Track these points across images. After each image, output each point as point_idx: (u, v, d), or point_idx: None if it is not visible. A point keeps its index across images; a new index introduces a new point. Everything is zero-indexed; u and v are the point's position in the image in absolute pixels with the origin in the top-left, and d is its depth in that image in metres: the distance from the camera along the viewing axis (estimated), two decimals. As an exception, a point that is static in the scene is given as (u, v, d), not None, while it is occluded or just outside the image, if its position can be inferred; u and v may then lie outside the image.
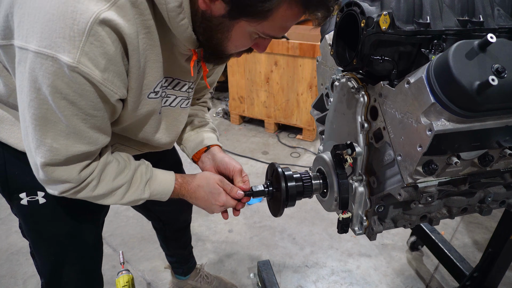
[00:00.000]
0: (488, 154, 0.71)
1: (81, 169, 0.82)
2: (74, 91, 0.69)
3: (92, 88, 0.70)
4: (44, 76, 0.67)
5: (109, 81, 0.71)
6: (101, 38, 0.65)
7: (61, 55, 0.64)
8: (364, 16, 0.73)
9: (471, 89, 0.57)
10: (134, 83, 0.78)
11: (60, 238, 1.02)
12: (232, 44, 0.79)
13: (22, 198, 0.94)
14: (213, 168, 1.09)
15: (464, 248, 2.02)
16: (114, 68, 0.70)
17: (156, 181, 0.96)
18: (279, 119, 3.28)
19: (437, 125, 0.62)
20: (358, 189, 0.87)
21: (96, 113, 0.75)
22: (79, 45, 0.64)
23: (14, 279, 1.86)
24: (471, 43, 0.59)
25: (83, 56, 0.65)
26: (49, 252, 1.03)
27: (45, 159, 0.76)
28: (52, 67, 0.65)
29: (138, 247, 2.06)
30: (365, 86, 0.83)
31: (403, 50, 0.71)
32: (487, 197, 0.93)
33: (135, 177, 0.92)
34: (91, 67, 0.67)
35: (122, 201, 0.91)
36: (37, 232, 1.01)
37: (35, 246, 1.04)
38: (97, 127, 0.78)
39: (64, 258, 1.04)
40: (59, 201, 0.96)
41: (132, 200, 0.93)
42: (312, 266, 1.93)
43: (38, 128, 0.73)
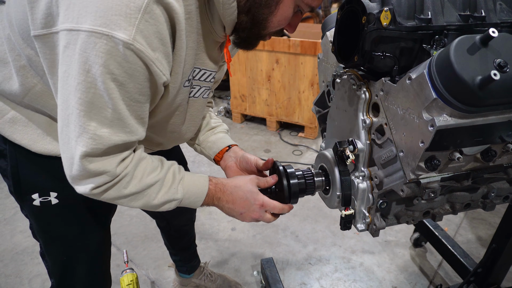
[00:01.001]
0: (491, 149, 0.71)
1: (119, 161, 0.79)
2: (125, 71, 0.68)
3: (144, 67, 0.69)
4: (97, 56, 0.65)
5: (160, 62, 0.70)
6: (156, 16, 0.66)
7: (116, 32, 0.64)
8: (365, 12, 0.73)
9: (473, 84, 0.56)
10: (177, 68, 0.77)
11: (71, 239, 1.02)
12: (276, 19, 0.80)
13: (34, 198, 0.94)
14: (235, 164, 1.10)
15: (467, 244, 2.02)
16: (164, 48, 0.70)
17: (190, 181, 0.91)
18: (280, 117, 3.28)
19: (439, 120, 0.62)
20: (361, 185, 0.87)
21: (141, 98, 0.74)
22: (135, 22, 0.64)
23: (19, 278, 1.87)
24: (472, 38, 0.59)
25: (138, 34, 0.65)
26: (60, 252, 1.03)
27: (86, 148, 0.73)
28: (106, 45, 0.65)
29: (141, 246, 2.07)
30: (367, 83, 0.82)
31: (404, 46, 0.71)
32: (491, 192, 0.93)
33: (168, 176, 0.88)
34: (145, 46, 0.67)
35: (155, 201, 0.86)
36: (49, 232, 1.01)
37: (46, 247, 1.04)
38: (138, 116, 0.77)
39: (75, 259, 1.05)
40: (71, 202, 0.96)
41: (165, 201, 0.88)
42: (315, 263, 1.94)
43: (82, 114, 0.71)
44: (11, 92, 0.85)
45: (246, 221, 0.96)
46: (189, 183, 0.91)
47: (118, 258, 1.95)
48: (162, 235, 1.59)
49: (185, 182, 0.90)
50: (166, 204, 0.89)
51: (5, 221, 2.26)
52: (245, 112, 3.47)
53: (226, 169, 1.13)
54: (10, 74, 0.83)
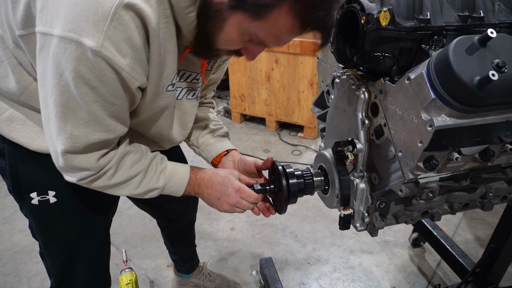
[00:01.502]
0: (489, 149, 0.71)
1: (100, 157, 0.81)
2: (96, 77, 0.68)
3: (114, 74, 0.69)
4: (67, 61, 0.66)
5: (131, 67, 0.70)
6: (125, 22, 0.65)
7: (84, 39, 0.64)
8: (364, 12, 0.73)
9: (471, 85, 0.57)
10: (153, 72, 0.77)
11: (70, 238, 1.02)
12: (222, 37, 0.77)
13: (33, 197, 0.94)
14: (233, 168, 1.11)
15: (466, 244, 2.02)
16: (136, 54, 0.70)
17: (171, 171, 0.95)
18: (280, 117, 3.28)
19: (437, 120, 0.62)
20: (360, 185, 0.87)
21: (116, 101, 0.74)
22: (103, 29, 0.64)
23: (18, 277, 1.87)
24: (471, 39, 0.59)
25: (106, 41, 0.65)
26: (60, 251, 1.03)
27: (65, 147, 0.76)
28: (76, 51, 0.65)
29: (140, 245, 2.07)
30: (366, 83, 0.83)
31: (403, 46, 0.71)
32: (489, 192, 0.93)
33: (151, 166, 0.91)
34: (114, 52, 0.66)
35: (137, 190, 0.90)
36: (48, 232, 1.01)
37: (46, 246, 1.04)
38: (116, 116, 0.78)
39: (75, 258, 1.04)
40: (69, 200, 0.96)
41: (147, 190, 0.91)
42: (314, 263, 1.94)
43: (59, 115, 0.73)
44: (7, 90, 0.85)
45: (224, 208, 0.97)
46: (170, 173, 0.94)
47: (117, 257, 1.95)
48: (162, 234, 1.59)
49: (167, 172, 0.94)
50: (149, 193, 0.93)
51: (4, 220, 2.26)
52: (244, 112, 3.48)
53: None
54: (6, 72, 0.84)
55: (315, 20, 0.70)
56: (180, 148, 1.36)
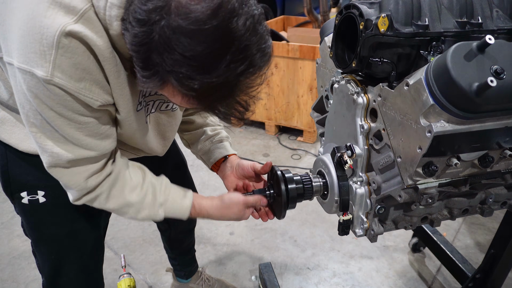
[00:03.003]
0: (488, 155, 0.71)
1: (88, 176, 0.82)
2: (57, 103, 0.71)
3: (71, 97, 0.71)
4: (28, 90, 0.69)
5: (87, 90, 0.71)
6: (71, 49, 0.66)
7: (35, 69, 0.66)
8: (362, 18, 0.74)
9: (470, 91, 0.57)
10: (117, 94, 0.77)
11: (60, 238, 1.03)
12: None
13: (23, 197, 0.96)
14: (232, 174, 1.12)
15: (466, 250, 2.01)
16: (90, 76, 0.71)
17: (171, 206, 0.96)
18: (279, 121, 3.28)
19: (436, 126, 0.62)
20: (359, 191, 0.87)
21: (87, 120, 0.76)
22: (50, 58, 0.65)
23: (16, 283, 1.86)
24: (469, 45, 0.59)
25: (55, 69, 0.66)
26: (49, 250, 1.04)
27: (50, 163, 0.79)
28: (32, 81, 0.68)
29: (139, 250, 2.06)
30: (365, 88, 0.83)
31: (402, 52, 0.71)
32: (488, 198, 0.93)
33: (147, 199, 0.93)
34: (65, 79, 0.68)
35: (138, 218, 0.94)
36: (38, 230, 1.02)
37: (36, 245, 1.06)
38: (95, 134, 0.79)
39: (64, 257, 1.05)
40: (58, 200, 0.97)
41: (147, 218, 0.95)
42: (314, 268, 1.93)
43: (38, 136, 0.76)
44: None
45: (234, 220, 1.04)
46: (170, 208, 0.96)
47: (115, 262, 1.94)
48: (162, 238, 1.58)
49: (167, 206, 0.96)
50: (150, 220, 0.97)
51: (2, 225, 2.25)
52: (244, 116, 3.47)
53: (223, 178, 1.15)
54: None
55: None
56: (179, 152, 1.36)
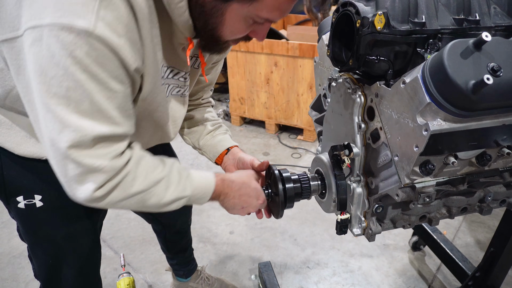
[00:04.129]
0: (485, 153, 0.71)
1: (113, 156, 0.75)
2: (94, 60, 0.65)
3: (111, 54, 0.67)
4: (62, 48, 0.63)
5: (126, 48, 0.68)
6: (114, 1, 0.64)
7: (76, 21, 0.62)
8: (359, 16, 0.73)
9: (466, 89, 0.56)
10: (148, 59, 0.75)
11: (57, 241, 1.02)
12: (227, 30, 0.77)
13: (19, 201, 0.94)
14: (234, 167, 1.14)
15: (466, 248, 2.01)
16: (129, 34, 0.68)
17: (197, 177, 0.90)
18: (279, 120, 3.28)
19: (433, 125, 0.62)
20: (356, 190, 0.86)
21: (118, 87, 0.71)
22: (94, 9, 0.63)
23: (16, 282, 1.86)
24: (466, 42, 0.59)
25: (99, 21, 0.63)
26: (46, 254, 1.03)
27: (72, 141, 0.69)
28: (69, 36, 0.63)
29: (139, 249, 2.06)
30: (362, 87, 0.82)
31: (398, 50, 0.71)
32: (487, 196, 0.92)
33: (172, 172, 0.86)
34: (108, 32, 0.64)
35: (165, 199, 0.84)
36: (34, 235, 1.01)
37: (33, 249, 1.04)
38: (121, 108, 0.73)
39: (61, 261, 1.04)
40: (56, 204, 0.96)
41: (175, 198, 0.86)
42: (314, 267, 1.93)
43: (60, 108, 0.68)
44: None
45: (241, 214, 0.99)
46: (196, 179, 0.89)
47: (115, 261, 1.94)
48: (158, 239, 1.58)
49: (192, 178, 0.88)
50: (175, 202, 0.86)
51: (3, 224, 2.25)
52: (244, 115, 3.47)
53: (225, 170, 1.17)
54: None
55: None
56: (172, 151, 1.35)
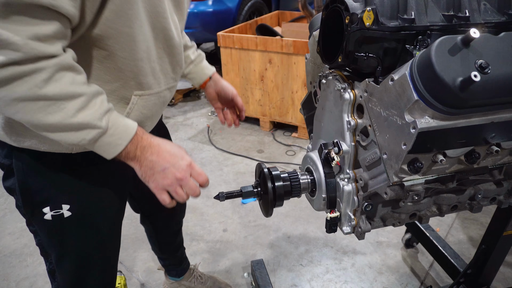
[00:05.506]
0: (474, 151, 0.70)
1: (32, 35, 0.62)
2: None
3: None
4: None
5: None
6: None
7: None
8: (348, 12, 0.72)
9: (453, 86, 0.55)
10: None
11: (86, 252, 0.98)
12: None
13: (45, 212, 0.89)
14: (215, 92, 1.28)
15: (459, 245, 2.01)
16: None
17: (118, 117, 0.78)
18: (274, 117, 3.27)
19: (420, 122, 0.61)
20: (346, 188, 0.86)
21: None
22: None
23: (6, 281, 1.84)
24: (454, 39, 0.58)
25: None
26: (73, 267, 0.99)
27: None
28: None
29: (132, 247, 2.05)
30: (351, 84, 0.81)
31: (387, 47, 0.70)
32: (477, 194, 0.92)
33: (96, 98, 0.74)
34: None
35: (73, 120, 0.70)
36: (62, 246, 0.96)
37: (60, 261, 1.00)
38: None
39: (89, 272, 1.01)
40: (85, 213, 0.93)
41: (85, 123, 0.72)
42: (307, 264, 1.93)
43: None
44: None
45: (165, 182, 0.81)
46: (116, 118, 0.78)
47: (107, 260, 1.93)
48: (149, 240, 1.57)
49: (113, 115, 0.77)
50: (85, 130, 0.73)
51: (-6, 223, 2.23)
52: (238, 112, 3.46)
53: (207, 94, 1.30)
54: None
55: None
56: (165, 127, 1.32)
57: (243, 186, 0.98)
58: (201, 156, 2.94)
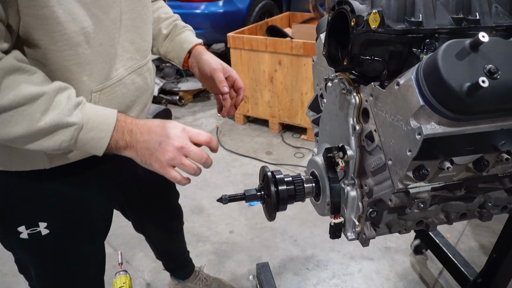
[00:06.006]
0: (483, 158, 0.68)
1: None
2: None
3: None
4: None
5: None
6: None
7: None
8: (354, 14, 0.70)
9: (460, 91, 0.53)
10: None
11: (69, 270, 0.96)
12: None
13: (21, 231, 0.84)
14: (198, 70, 1.06)
15: (470, 252, 1.97)
16: None
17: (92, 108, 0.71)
18: (283, 119, 3.25)
19: (426, 128, 0.59)
20: (350, 193, 0.84)
21: None
22: None
23: (16, 277, 1.87)
24: (462, 43, 0.56)
25: None
26: (54, 283, 0.97)
27: None
28: None
29: (138, 247, 2.06)
30: (357, 87, 0.80)
31: (393, 50, 0.68)
32: (487, 202, 0.89)
33: (59, 96, 0.67)
34: None
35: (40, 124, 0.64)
36: (43, 266, 0.93)
37: (40, 278, 0.96)
38: None
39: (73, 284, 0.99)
40: (64, 230, 0.89)
41: (55, 124, 0.65)
42: (313, 268, 1.91)
43: None
44: None
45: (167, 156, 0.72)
46: (91, 110, 0.70)
47: (114, 259, 1.93)
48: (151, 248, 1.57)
49: (86, 107, 0.70)
50: (58, 132, 0.66)
51: (5, 220, 2.27)
52: (247, 114, 3.45)
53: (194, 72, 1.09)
54: None
55: None
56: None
57: (247, 190, 0.97)
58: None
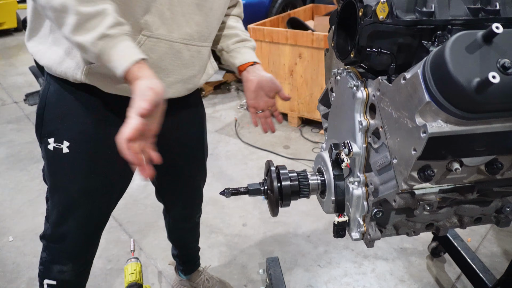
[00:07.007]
0: (497, 160, 0.63)
1: None
2: None
3: None
4: None
5: None
6: None
7: None
8: (362, 4, 0.67)
9: (468, 88, 0.49)
10: None
11: (71, 192, 1.05)
12: None
13: (50, 142, 0.98)
14: (256, 80, 1.15)
15: (491, 258, 1.87)
16: None
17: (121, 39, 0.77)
18: (302, 113, 3.21)
19: (432, 126, 0.55)
20: (355, 192, 0.81)
21: None
22: None
23: (36, 258, 1.93)
24: (473, 34, 0.52)
25: None
26: (59, 200, 1.06)
27: None
28: None
29: (153, 235, 2.10)
30: (365, 81, 0.76)
31: (402, 43, 0.64)
32: (505, 207, 0.84)
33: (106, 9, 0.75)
34: None
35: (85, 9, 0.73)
36: (55, 179, 1.05)
37: (50, 191, 1.08)
38: None
39: (70, 212, 1.07)
40: (80, 155, 0.99)
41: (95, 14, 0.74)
42: (325, 266, 1.88)
43: None
44: None
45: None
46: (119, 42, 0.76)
47: (128, 245, 1.99)
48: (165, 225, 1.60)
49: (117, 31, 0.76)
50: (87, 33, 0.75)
51: (29, 203, 2.37)
52: (267, 107, 3.43)
53: (246, 81, 1.17)
54: None
55: None
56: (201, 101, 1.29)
57: (250, 183, 0.96)
58: (226, 149, 2.95)
